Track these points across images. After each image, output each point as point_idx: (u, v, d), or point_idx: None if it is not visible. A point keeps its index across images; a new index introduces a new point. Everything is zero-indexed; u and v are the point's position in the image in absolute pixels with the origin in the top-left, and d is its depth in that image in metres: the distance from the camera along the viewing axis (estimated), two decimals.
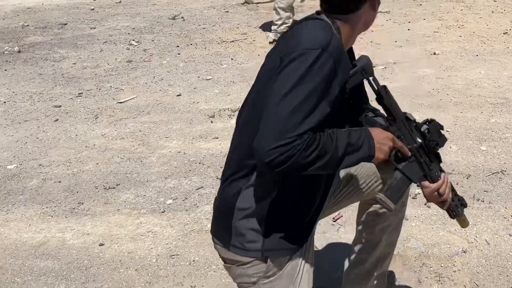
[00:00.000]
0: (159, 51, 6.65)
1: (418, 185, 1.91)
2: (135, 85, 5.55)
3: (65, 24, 8.09)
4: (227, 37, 7.13)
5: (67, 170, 3.91)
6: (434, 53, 6.03)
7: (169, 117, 4.76)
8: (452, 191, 1.97)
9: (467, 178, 3.56)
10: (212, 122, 4.59)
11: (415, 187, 2.03)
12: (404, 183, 1.85)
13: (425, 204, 3.25)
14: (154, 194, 3.56)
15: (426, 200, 1.94)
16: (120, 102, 5.12)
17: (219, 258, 1.92)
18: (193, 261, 2.88)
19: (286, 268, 1.78)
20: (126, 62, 6.29)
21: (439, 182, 1.87)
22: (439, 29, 6.96)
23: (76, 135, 4.48)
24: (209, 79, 5.62)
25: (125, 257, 2.96)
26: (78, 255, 3.00)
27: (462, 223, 2.07)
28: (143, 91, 5.38)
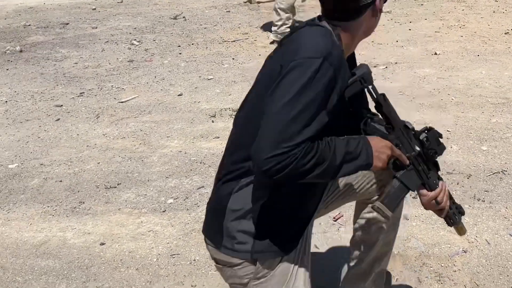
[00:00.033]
0: (160, 51, 6.66)
1: (415, 196, 1.92)
2: (136, 85, 5.56)
3: (67, 24, 8.10)
4: (228, 37, 7.14)
5: (68, 170, 3.91)
6: (435, 53, 6.03)
7: (170, 116, 4.76)
8: (450, 199, 1.98)
9: (467, 178, 3.56)
10: (213, 121, 4.59)
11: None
12: (401, 191, 1.85)
13: None
14: (155, 194, 3.56)
15: (424, 208, 1.94)
16: (122, 102, 5.13)
17: None
18: (194, 260, 2.89)
19: (276, 270, 1.77)
20: (128, 61, 6.30)
21: (437, 191, 1.87)
22: (440, 29, 6.96)
23: (78, 134, 4.49)
24: (211, 78, 5.63)
25: (126, 257, 2.96)
26: (79, 254, 3.00)
27: (460, 231, 2.08)
28: (145, 91, 5.39)
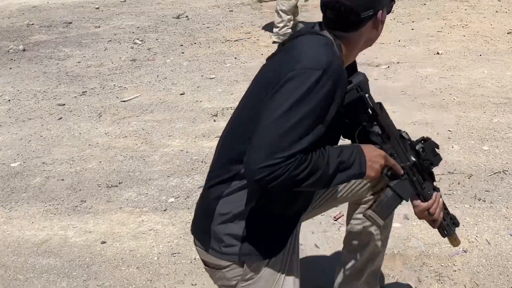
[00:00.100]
0: (163, 50, 6.67)
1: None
2: (138, 84, 5.57)
3: (70, 23, 8.12)
4: (231, 36, 7.14)
5: (70, 168, 3.93)
6: (438, 53, 6.02)
7: (172, 115, 4.77)
8: (445, 209, 1.99)
9: (468, 178, 3.56)
10: (215, 121, 4.60)
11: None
12: (395, 200, 1.85)
13: None
14: (156, 193, 3.57)
15: (418, 218, 1.95)
16: (124, 101, 5.14)
17: None
18: (194, 259, 2.90)
19: (263, 272, 1.77)
20: (130, 61, 6.31)
21: (430, 202, 1.87)
22: (442, 29, 6.95)
23: (80, 133, 4.51)
24: (213, 78, 5.64)
25: (126, 255, 2.97)
26: (80, 253, 3.02)
27: (453, 242, 2.08)
28: (147, 90, 5.40)
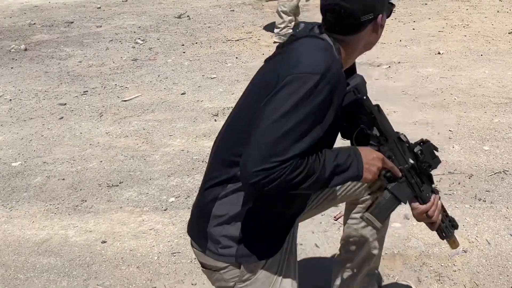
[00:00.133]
0: (164, 50, 6.67)
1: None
2: (140, 84, 5.58)
3: (72, 23, 8.12)
4: (232, 36, 7.14)
5: (71, 168, 3.93)
6: (439, 53, 6.02)
7: (173, 115, 4.78)
8: (443, 212, 1.98)
9: (469, 178, 3.56)
10: (215, 120, 4.60)
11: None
12: (392, 203, 1.85)
13: None
14: (156, 192, 3.58)
15: (416, 220, 1.94)
16: (125, 100, 5.15)
17: None
18: (194, 258, 2.89)
19: (260, 273, 1.77)
20: (132, 60, 6.32)
21: (428, 204, 1.87)
22: (444, 29, 6.95)
23: (81, 133, 4.51)
24: (214, 77, 5.64)
25: (127, 255, 2.98)
26: (81, 252, 3.02)
27: (452, 244, 2.08)
28: (148, 90, 5.40)
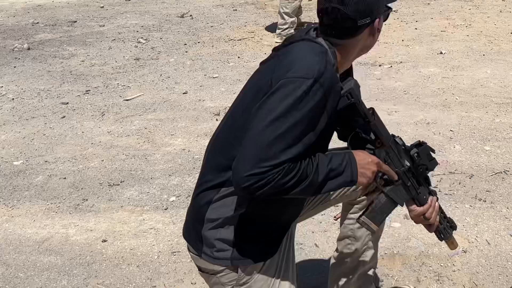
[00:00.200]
0: (166, 49, 6.68)
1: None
2: (142, 83, 5.59)
3: (75, 22, 8.14)
4: (234, 35, 7.15)
5: (73, 167, 3.94)
6: (441, 53, 6.02)
7: (174, 114, 4.79)
8: (441, 213, 1.99)
9: (469, 178, 3.56)
10: (217, 120, 4.60)
11: None
12: (388, 206, 1.85)
13: None
14: (157, 191, 3.59)
15: (414, 222, 1.95)
16: (127, 100, 5.16)
17: None
18: None
19: (258, 275, 1.77)
20: (134, 59, 6.33)
21: (426, 206, 1.87)
22: (446, 28, 6.94)
23: (83, 132, 4.52)
24: (216, 77, 5.65)
25: (127, 254, 2.99)
26: (81, 251, 3.03)
27: (450, 245, 2.08)
28: (150, 89, 5.41)
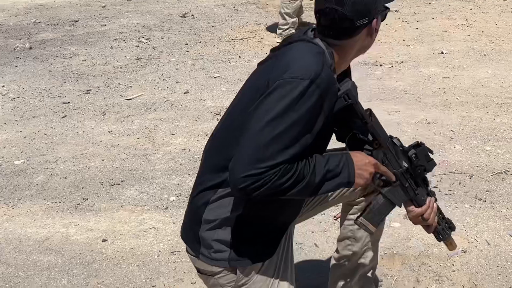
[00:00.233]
0: (168, 49, 6.69)
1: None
2: (143, 82, 5.59)
3: (76, 21, 8.15)
4: (235, 35, 7.15)
5: (73, 166, 3.95)
6: (442, 52, 6.02)
7: (175, 114, 4.79)
8: (440, 214, 1.99)
9: (470, 178, 3.56)
10: (218, 119, 4.60)
11: None
12: (387, 207, 1.85)
13: None
14: (158, 191, 3.59)
15: (412, 223, 1.95)
16: (128, 99, 5.17)
17: None
18: None
19: (256, 276, 1.77)
20: (135, 59, 6.34)
21: (424, 207, 1.87)
22: (447, 28, 6.94)
23: (84, 131, 4.53)
24: (217, 76, 5.65)
25: (127, 253, 3.00)
26: (81, 250, 3.04)
27: (449, 246, 2.08)
28: (151, 88, 5.42)
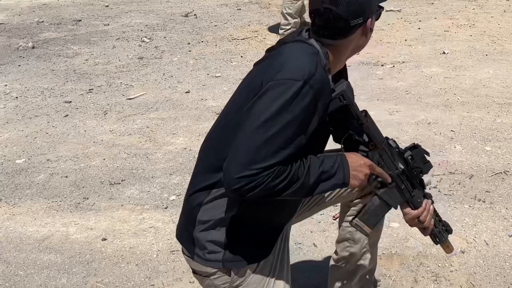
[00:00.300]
0: (170, 48, 6.70)
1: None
2: (145, 82, 5.61)
3: (80, 21, 8.17)
4: (238, 34, 7.16)
5: (74, 165, 3.97)
6: (444, 52, 6.01)
7: (177, 113, 4.80)
8: (436, 216, 1.99)
9: (469, 178, 3.56)
10: None
11: None
12: (382, 208, 1.85)
13: None
14: (158, 190, 3.61)
15: (409, 225, 1.95)
16: (130, 99, 5.18)
17: None
18: None
19: (251, 278, 1.77)
20: (138, 58, 6.35)
21: (420, 210, 1.87)
22: (449, 28, 6.93)
23: (85, 130, 4.55)
24: (218, 76, 5.66)
25: (126, 252, 3.01)
26: (81, 249, 3.05)
27: (446, 249, 2.08)
28: (153, 88, 5.44)
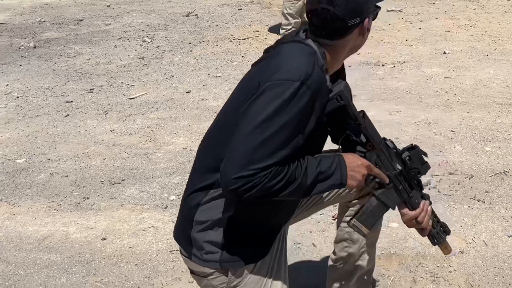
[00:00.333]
0: (171, 48, 6.71)
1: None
2: (146, 82, 5.62)
3: (81, 20, 8.18)
4: (239, 34, 7.17)
5: (75, 165, 3.98)
6: (444, 53, 6.02)
7: (177, 113, 4.81)
8: (435, 217, 1.99)
9: (469, 179, 3.56)
10: None
11: None
12: (380, 209, 1.85)
13: None
14: (158, 190, 3.61)
15: (407, 226, 1.95)
16: (130, 98, 5.19)
17: None
18: None
19: (249, 278, 1.78)
20: (139, 58, 6.36)
21: (418, 210, 1.88)
22: (450, 28, 6.94)
23: (86, 130, 4.56)
24: (219, 76, 5.67)
25: (126, 252, 3.02)
26: (81, 249, 3.06)
27: (444, 250, 2.08)
28: (154, 88, 5.44)
